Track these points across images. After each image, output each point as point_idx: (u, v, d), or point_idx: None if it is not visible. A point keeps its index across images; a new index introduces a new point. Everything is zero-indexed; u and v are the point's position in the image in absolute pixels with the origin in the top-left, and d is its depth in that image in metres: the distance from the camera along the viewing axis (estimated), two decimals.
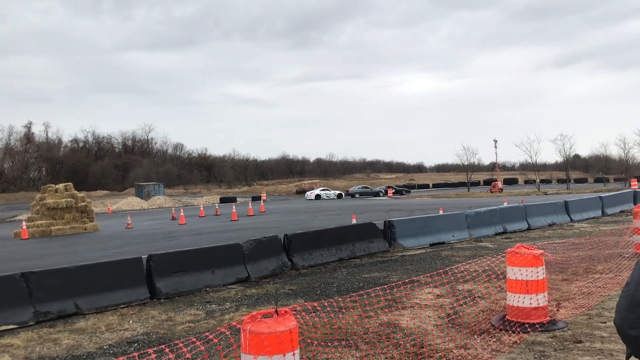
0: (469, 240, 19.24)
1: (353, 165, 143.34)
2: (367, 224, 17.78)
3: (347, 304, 8.94)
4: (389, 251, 16.94)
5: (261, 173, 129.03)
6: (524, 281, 7.69)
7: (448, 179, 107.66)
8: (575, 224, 23.40)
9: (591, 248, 13.68)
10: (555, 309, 8.66)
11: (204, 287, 12.31)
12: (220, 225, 32.41)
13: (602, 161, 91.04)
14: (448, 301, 9.57)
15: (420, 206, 41.39)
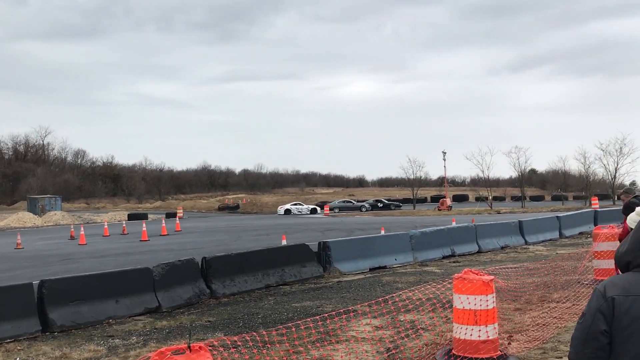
0: (414, 264, 19.52)
1: (285, 178, 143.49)
2: (299, 245, 17.81)
3: (274, 338, 8.90)
4: (324, 276, 17.00)
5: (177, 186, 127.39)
6: (472, 311, 7.84)
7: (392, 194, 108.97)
8: (530, 246, 24.06)
9: (547, 274, 14.07)
10: (507, 342, 8.86)
11: (107, 319, 12.05)
12: (128, 246, 31.82)
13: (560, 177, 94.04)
14: (388, 334, 9.65)
15: (360, 225, 41.75)
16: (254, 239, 32.14)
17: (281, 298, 14.04)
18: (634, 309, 2.91)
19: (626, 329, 2.91)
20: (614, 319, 2.94)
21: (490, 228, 24.27)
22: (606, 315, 2.95)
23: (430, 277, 15.68)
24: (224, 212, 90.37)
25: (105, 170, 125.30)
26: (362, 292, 14.20)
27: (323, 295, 14.10)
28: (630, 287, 2.97)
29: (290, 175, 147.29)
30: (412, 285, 13.91)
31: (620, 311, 2.93)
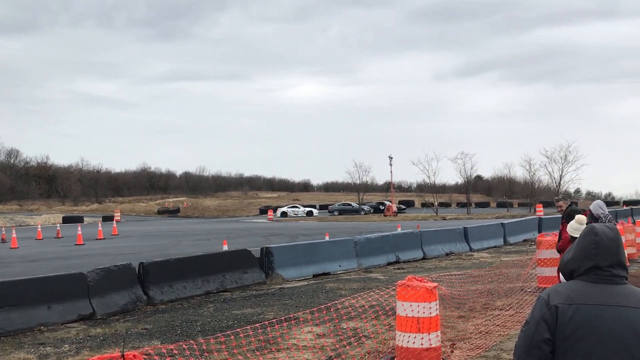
0: (358, 270, 19.61)
1: (228, 182, 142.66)
2: (240, 251, 17.72)
3: (212, 347, 8.84)
4: (266, 283, 16.94)
5: (115, 188, 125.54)
6: (416, 318, 7.90)
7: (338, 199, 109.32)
8: (474, 253, 24.43)
9: (491, 281, 14.30)
10: (449, 350, 8.96)
11: (38, 326, 11.77)
12: (62, 250, 31.24)
13: (505, 184, 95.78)
14: (330, 341, 9.67)
15: (304, 231, 41.81)
16: (194, 244, 31.87)
17: (221, 305, 13.94)
18: (577, 317, 2.96)
19: (569, 337, 2.95)
20: (557, 327, 2.98)
21: (435, 234, 24.55)
22: (549, 324, 2.99)
23: (375, 283, 15.77)
24: (164, 216, 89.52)
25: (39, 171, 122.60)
26: (304, 299, 14.20)
27: (265, 302, 14.05)
28: (574, 296, 3.02)
29: (233, 178, 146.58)
30: (355, 292, 13.97)
31: (564, 320, 2.97)
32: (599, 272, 3.05)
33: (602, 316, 2.95)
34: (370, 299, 10.42)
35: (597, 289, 3.03)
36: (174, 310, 13.46)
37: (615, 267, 3.06)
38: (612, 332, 2.93)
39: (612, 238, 3.10)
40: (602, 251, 3.06)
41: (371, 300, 10.43)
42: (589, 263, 3.07)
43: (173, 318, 12.54)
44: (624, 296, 3.01)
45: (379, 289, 10.44)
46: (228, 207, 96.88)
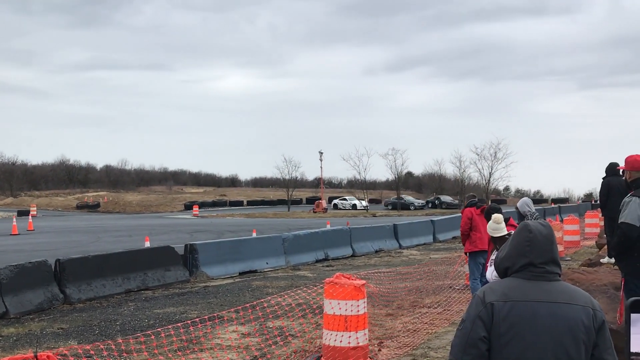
0: (286, 268, 19.64)
1: (151, 176, 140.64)
2: (163, 248, 17.53)
3: (131, 347, 8.71)
4: (190, 281, 16.81)
5: (31, 181, 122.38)
6: (343, 316, 7.96)
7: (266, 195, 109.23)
8: (404, 250, 24.77)
9: (419, 279, 14.53)
10: (377, 348, 9.06)
11: None
12: None
13: (436, 180, 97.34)
14: (255, 341, 9.66)
15: (231, 227, 41.58)
16: (114, 241, 31.36)
17: (142, 304, 13.77)
18: (512, 314, 3.03)
19: (505, 335, 3.03)
20: (493, 324, 3.05)
21: (364, 231, 24.78)
22: (485, 322, 3.07)
23: (302, 281, 15.83)
24: (83, 211, 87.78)
25: None
26: (229, 298, 14.15)
27: (188, 301, 13.95)
28: (509, 293, 3.10)
29: (157, 172, 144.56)
30: (282, 290, 13.98)
31: (499, 317, 3.04)
32: (533, 269, 3.14)
33: (536, 312, 3.04)
34: (297, 297, 10.45)
35: (531, 285, 3.11)
36: (92, 309, 13.23)
37: (549, 264, 3.15)
38: (547, 328, 3.03)
39: (546, 235, 3.20)
40: (535, 248, 3.15)
41: (298, 298, 10.46)
42: (523, 260, 3.16)
43: (91, 317, 12.33)
44: (558, 292, 3.11)
45: (307, 287, 10.47)
46: (151, 202, 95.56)
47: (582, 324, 3.04)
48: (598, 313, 3.10)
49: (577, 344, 3.03)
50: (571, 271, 9.09)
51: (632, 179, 7.09)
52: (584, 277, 8.43)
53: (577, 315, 3.05)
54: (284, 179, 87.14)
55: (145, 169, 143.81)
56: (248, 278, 17.60)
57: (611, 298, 7.72)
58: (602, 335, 3.09)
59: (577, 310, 3.06)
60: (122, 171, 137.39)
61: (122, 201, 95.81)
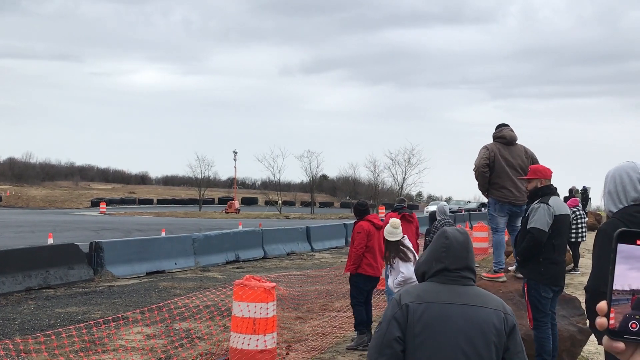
0: (195, 269, 19.47)
1: (57, 170, 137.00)
2: (66, 245, 17.14)
3: (30, 347, 8.49)
4: (94, 280, 16.48)
5: None
6: (252, 319, 7.96)
7: (177, 194, 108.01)
8: (316, 253, 24.92)
9: (330, 282, 14.66)
10: (285, 352, 9.10)
11: None
12: None
13: (350, 184, 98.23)
14: (161, 343, 9.56)
15: (139, 226, 40.93)
16: (16, 236, 30.47)
17: (43, 303, 13.43)
18: (426, 315, 3.14)
19: (418, 335, 3.13)
20: (408, 325, 3.15)
21: (277, 233, 24.81)
22: (400, 322, 3.16)
23: (212, 283, 15.74)
24: None
25: None
26: (135, 298, 13.96)
27: (92, 301, 13.68)
28: (424, 295, 3.21)
29: (63, 167, 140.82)
30: (191, 291, 13.87)
31: (414, 318, 3.15)
32: (447, 274, 3.26)
33: (449, 314, 3.16)
34: (205, 299, 10.40)
35: (445, 289, 3.24)
36: None
37: (463, 270, 3.27)
38: (459, 329, 3.14)
39: (462, 242, 3.32)
40: (451, 254, 3.27)
41: (207, 300, 10.41)
42: (438, 265, 3.27)
43: None
44: (471, 296, 3.24)
45: (216, 289, 10.44)
46: (57, 198, 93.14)
47: (494, 327, 3.17)
48: (509, 317, 3.24)
49: (489, 345, 3.15)
50: (478, 278, 9.33)
51: (541, 186, 7.36)
52: (491, 285, 8.66)
53: (489, 317, 3.18)
54: (196, 178, 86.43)
55: (51, 163, 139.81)
56: (155, 278, 17.38)
57: (517, 305, 7.95)
58: (514, 339, 3.23)
59: (489, 313, 3.19)
60: (27, 164, 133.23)
61: (26, 196, 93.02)
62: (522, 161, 9.04)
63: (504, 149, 9.02)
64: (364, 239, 9.89)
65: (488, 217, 9.38)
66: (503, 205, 9.04)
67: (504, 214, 9.11)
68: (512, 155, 9.03)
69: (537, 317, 7.13)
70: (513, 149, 9.10)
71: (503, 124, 9.30)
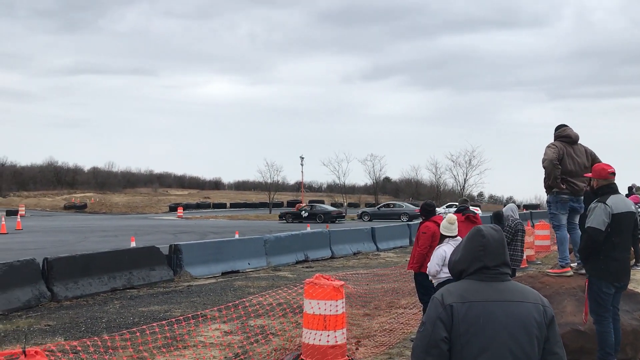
0: (267, 268, 19.62)
1: (137, 178, 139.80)
2: (148, 247, 17.45)
3: (117, 343, 8.66)
4: (174, 280, 16.75)
5: (20, 182, 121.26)
6: (322, 316, 7.97)
7: (249, 198, 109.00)
8: (381, 253, 24.82)
9: (396, 280, 14.56)
10: (355, 347, 9.08)
11: None
12: None
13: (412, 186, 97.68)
14: (237, 339, 9.64)
15: (214, 229, 41.44)
16: (101, 240, 31.18)
17: (128, 302, 13.69)
18: (470, 315, 3.11)
19: (464, 335, 3.11)
20: (453, 325, 3.12)
21: (343, 234, 24.80)
22: (446, 323, 3.14)
23: (283, 282, 15.82)
24: (71, 211, 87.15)
25: None
26: (212, 297, 14.11)
27: (172, 300, 13.89)
28: (466, 294, 3.18)
29: (143, 175, 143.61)
30: (264, 290, 13.96)
31: (458, 317, 3.12)
32: (486, 272, 3.24)
33: (492, 312, 3.13)
34: (278, 297, 10.45)
35: (485, 286, 3.21)
36: (78, 307, 13.14)
37: (501, 266, 3.26)
38: (503, 325, 3.12)
39: (498, 239, 3.31)
40: (489, 252, 3.25)
41: (279, 298, 10.46)
42: (477, 264, 3.26)
43: (78, 314, 12.25)
44: (510, 292, 3.22)
45: (287, 287, 10.47)
46: (137, 204, 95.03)
47: (535, 320, 3.16)
48: (548, 309, 3.24)
49: (531, 339, 3.14)
50: (541, 274, 9.16)
51: (598, 187, 7.24)
52: (554, 281, 8.49)
53: (529, 312, 3.17)
54: (265, 182, 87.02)
55: (131, 172, 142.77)
56: (230, 278, 17.56)
57: (579, 300, 7.79)
58: (553, 329, 3.23)
59: (529, 308, 3.18)
60: (109, 173, 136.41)
61: (109, 202, 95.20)
62: (585, 160, 8.91)
63: (569, 147, 8.91)
64: (428, 239, 9.85)
65: (549, 215, 9.24)
66: (565, 204, 8.91)
67: (564, 212, 8.99)
68: (576, 153, 8.91)
69: (599, 312, 6.99)
70: (576, 147, 8.98)
71: (563, 125, 9.16)
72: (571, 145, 8.98)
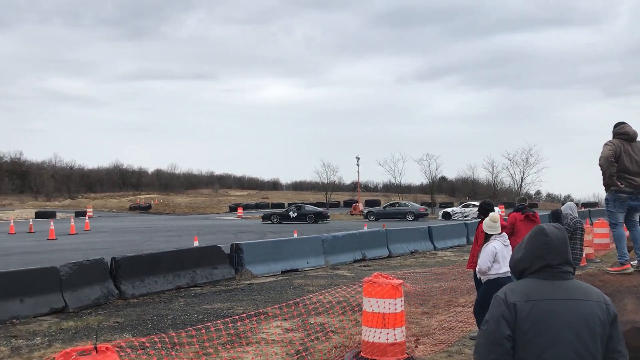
0: (325, 267, 19.65)
1: (199, 179, 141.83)
2: (210, 247, 17.66)
3: (183, 340, 8.79)
4: (235, 279, 16.92)
5: (88, 184, 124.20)
6: (381, 314, 7.95)
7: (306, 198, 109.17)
8: (438, 252, 24.61)
9: (454, 279, 14.42)
10: (414, 345, 9.03)
11: (10, 319, 11.63)
12: (35, 244, 30.82)
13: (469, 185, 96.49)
14: (298, 336, 9.69)
15: (272, 228, 41.72)
16: (165, 240, 31.66)
17: (192, 300, 13.88)
18: (533, 313, 3.08)
19: (527, 333, 3.08)
20: (517, 323, 3.10)
21: (400, 233, 24.68)
22: (509, 321, 3.12)
23: (341, 280, 15.82)
24: (136, 212, 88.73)
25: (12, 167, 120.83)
26: (273, 295, 14.20)
27: (234, 298, 14.03)
28: (529, 293, 3.15)
29: (204, 176, 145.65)
30: (323, 288, 13.98)
31: (522, 316, 3.09)
32: (550, 270, 3.21)
33: (555, 310, 3.10)
34: (337, 295, 10.46)
35: (549, 285, 3.18)
36: (145, 304, 13.38)
37: (564, 265, 3.23)
38: (566, 324, 3.09)
39: (561, 238, 3.27)
40: (552, 251, 3.22)
41: (338, 296, 10.47)
42: (541, 262, 3.22)
43: (144, 312, 12.47)
44: (573, 290, 3.19)
45: (346, 286, 10.47)
46: (199, 204, 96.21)
47: (598, 319, 3.12)
48: (610, 307, 3.20)
49: (594, 337, 3.11)
50: (601, 272, 8.96)
51: None
52: (614, 279, 8.30)
53: (592, 310, 3.13)
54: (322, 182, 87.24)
55: (193, 173, 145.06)
56: (290, 276, 17.65)
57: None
58: (615, 327, 3.19)
59: (592, 306, 3.14)
60: (172, 175, 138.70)
61: (172, 203, 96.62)
62: None
63: (627, 144, 8.71)
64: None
65: (607, 213, 9.04)
66: (623, 202, 8.71)
67: (622, 210, 8.79)
68: (634, 150, 8.70)
69: None
70: (634, 145, 8.77)
71: (621, 122, 8.95)
72: (629, 143, 8.77)
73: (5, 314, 11.67)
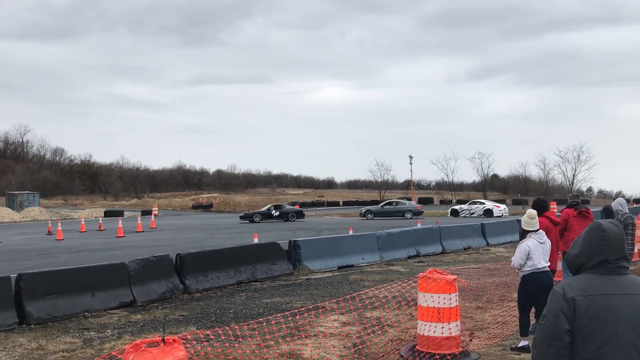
0: (380, 263, 19.59)
1: (257, 179, 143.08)
2: (269, 243, 17.78)
3: (245, 332, 8.88)
4: (294, 274, 16.99)
5: (153, 184, 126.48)
6: (436, 308, 7.90)
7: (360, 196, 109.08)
8: (491, 248, 24.28)
9: (507, 274, 14.20)
10: (468, 339, 8.94)
11: (83, 312, 11.92)
12: (104, 242, 31.50)
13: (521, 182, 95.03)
14: (355, 329, 9.68)
15: (329, 225, 41.76)
16: (226, 237, 31.99)
17: (252, 294, 14.00)
18: (592, 308, 3.04)
19: (586, 327, 3.04)
20: (575, 318, 3.06)
21: (453, 230, 24.44)
22: (568, 316, 3.07)
23: (396, 276, 15.75)
24: (198, 210, 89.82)
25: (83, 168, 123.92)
26: (330, 290, 14.22)
27: (293, 292, 14.09)
28: (588, 288, 3.10)
29: (262, 176, 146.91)
30: (378, 283, 13.96)
31: (581, 311, 3.05)
32: (607, 265, 3.16)
33: (614, 305, 3.05)
34: (392, 290, 10.42)
35: (606, 280, 3.13)
36: (208, 299, 13.55)
37: (621, 260, 3.17)
38: (625, 318, 3.03)
39: (618, 234, 3.22)
40: (609, 246, 3.17)
41: (393, 291, 10.43)
42: (598, 258, 3.17)
43: (208, 306, 12.63)
44: (631, 285, 3.13)
45: (401, 281, 10.43)
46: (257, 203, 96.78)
47: None
48: None
49: None
50: None
51: None
52: None
53: None
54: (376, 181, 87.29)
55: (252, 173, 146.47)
56: (345, 272, 17.65)
57: None
58: None
59: None
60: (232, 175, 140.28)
61: (232, 202, 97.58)
62: None
63: None
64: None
65: None
66: None
67: None
68: None
69: None
70: None
71: None
72: None
73: (78, 307, 11.97)
